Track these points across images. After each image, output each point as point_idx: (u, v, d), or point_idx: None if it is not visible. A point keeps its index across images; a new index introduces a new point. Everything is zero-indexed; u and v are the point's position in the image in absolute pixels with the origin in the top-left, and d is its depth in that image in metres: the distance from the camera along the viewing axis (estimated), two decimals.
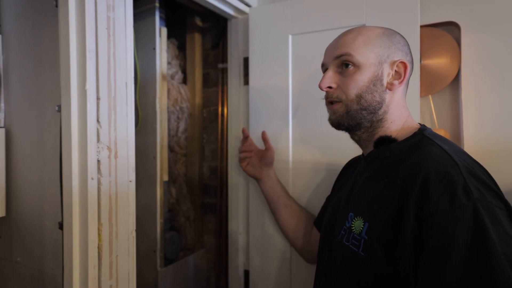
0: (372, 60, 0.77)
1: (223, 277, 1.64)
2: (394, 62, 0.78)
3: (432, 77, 1.16)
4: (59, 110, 0.80)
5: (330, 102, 0.82)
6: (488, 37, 1.10)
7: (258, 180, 1.25)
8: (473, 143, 1.12)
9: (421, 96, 1.15)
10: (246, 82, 1.42)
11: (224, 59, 1.63)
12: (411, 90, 1.09)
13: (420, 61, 1.13)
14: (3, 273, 0.97)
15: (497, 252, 0.53)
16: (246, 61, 1.42)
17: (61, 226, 0.80)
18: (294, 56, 1.27)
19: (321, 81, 0.80)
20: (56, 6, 0.79)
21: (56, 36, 0.79)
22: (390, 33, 0.80)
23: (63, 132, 0.78)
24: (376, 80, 0.77)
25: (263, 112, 1.34)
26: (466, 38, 1.12)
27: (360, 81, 0.76)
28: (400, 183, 0.66)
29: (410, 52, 0.82)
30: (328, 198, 1.10)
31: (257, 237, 1.37)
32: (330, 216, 0.88)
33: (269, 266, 1.33)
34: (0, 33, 0.95)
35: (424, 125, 0.80)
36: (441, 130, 1.16)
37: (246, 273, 1.45)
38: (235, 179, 1.48)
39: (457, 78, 1.15)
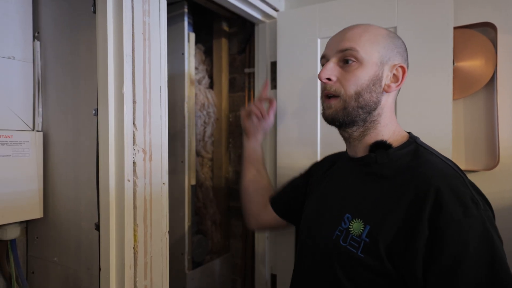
0: (375, 59, 0.76)
1: (249, 281, 1.64)
2: (394, 65, 0.78)
3: (465, 80, 1.13)
4: (96, 114, 0.82)
5: (327, 96, 0.80)
6: None
7: (247, 136, 1.21)
8: (509, 147, 1.08)
9: (454, 99, 1.11)
10: (274, 86, 1.42)
11: (250, 64, 1.63)
12: (443, 93, 1.06)
13: (454, 63, 1.11)
14: (40, 273, 1.00)
15: (501, 257, 0.61)
16: (273, 65, 1.42)
17: (97, 227, 0.82)
18: None
19: (321, 72, 0.78)
20: (94, 12, 0.81)
21: (93, 42, 0.82)
22: (393, 36, 0.80)
23: (100, 135, 0.80)
24: (376, 80, 0.76)
25: (291, 116, 1.33)
26: (502, 39, 1.08)
27: (361, 78, 0.75)
28: (412, 192, 0.68)
29: (408, 60, 0.82)
30: (294, 183, 1.08)
31: (284, 241, 1.36)
32: (314, 215, 0.88)
33: None
34: (38, 40, 0.98)
35: (411, 133, 0.82)
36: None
37: (273, 277, 1.44)
38: None
39: (491, 81, 1.11)
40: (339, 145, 1.25)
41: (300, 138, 1.30)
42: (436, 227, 0.63)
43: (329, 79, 0.78)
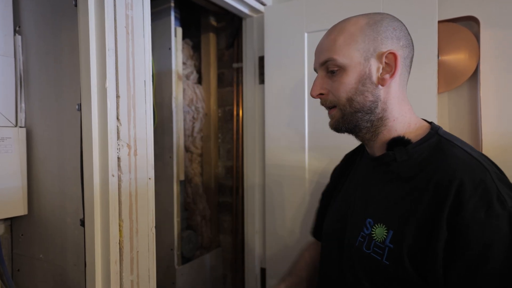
0: (357, 59, 0.71)
1: (239, 275, 1.64)
2: (382, 54, 0.71)
3: (450, 73, 1.14)
4: (79, 109, 0.81)
5: (327, 107, 0.79)
6: (509, 32, 1.08)
7: None
8: (492, 140, 1.10)
9: (438, 93, 1.13)
10: (262, 81, 1.42)
11: (239, 59, 1.63)
12: (428, 86, 1.07)
13: (438, 57, 1.12)
14: (26, 270, 0.99)
15: None
16: (261, 60, 1.42)
17: (82, 223, 0.82)
18: (310, 54, 1.26)
19: (311, 89, 0.78)
20: (76, 5, 0.80)
21: (75, 36, 0.80)
22: (375, 21, 0.73)
23: (84, 130, 0.79)
24: (365, 79, 0.72)
25: (279, 111, 1.33)
26: (485, 33, 1.10)
27: (347, 84, 0.72)
28: (432, 189, 0.64)
29: (406, 35, 0.74)
30: (322, 201, 1.02)
31: (274, 235, 1.36)
32: (337, 220, 0.84)
33: (286, 264, 1.32)
34: (20, 34, 0.97)
35: (433, 123, 0.76)
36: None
37: (263, 271, 1.44)
38: (251, 178, 1.48)
39: (475, 74, 1.12)
40: (326, 139, 1.26)
41: (288, 132, 1.31)
42: (455, 228, 0.59)
43: (321, 93, 0.77)
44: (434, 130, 0.73)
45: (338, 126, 0.77)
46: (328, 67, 0.75)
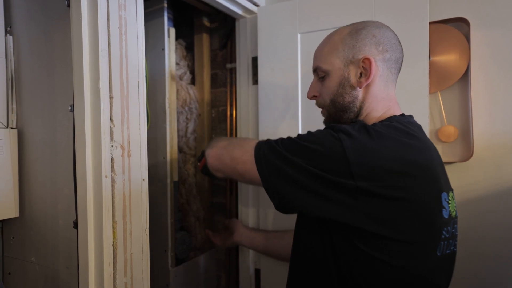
0: (338, 65, 0.83)
1: (233, 276, 1.64)
2: (359, 60, 0.81)
3: (441, 74, 1.16)
4: (72, 110, 0.80)
5: (320, 107, 0.91)
6: (498, 33, 1.09)
7: (237, 244, 1.37)
8: (483, 139, 1.11)
9: (430, 93, 1.14)
10: (255, 81, 1.42)
11: (232, 59, 1.63)
12: (420, 87, 1.08)
13: (429, 57, 1.13)
14: (18, 274, 0.98)
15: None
16: (254, 60, 1.42)
17: (75, 225, 0.81)
18: (303, 54, 1.27)
19: (308, 91, 0.91)
20: (68, 6, 0.79)
21: (68, 36, 0.80)
22: (356, 30, 0.83)
23: (77, 131, 0.79)
24: (344, 82, 0.82)
25: (273, 112, 1.34)
26: (475, 34, 1.11)
27: (330, 87, 0.84)
28: None
29: (389, 39, 0.82)
30: None
31: None
32: None
33: (280, 265, 1.32)
34: (11, 34, 0.96)
35: (400, 116, 0.82)
36: (450, 127, 1.15)
37: (257, 271, 1.44)
38: None
39: (466, 75, 1.14)
40: None
41: (281, 132, 1.31)
42: None
43: (314, 96, 0.90)
44: (387, 119, 0.81)
45: (328, 123, 0.89)
46: (317, 74, 0.88)
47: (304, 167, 0.71)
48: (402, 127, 0.76)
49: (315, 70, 0.88)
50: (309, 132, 0.79)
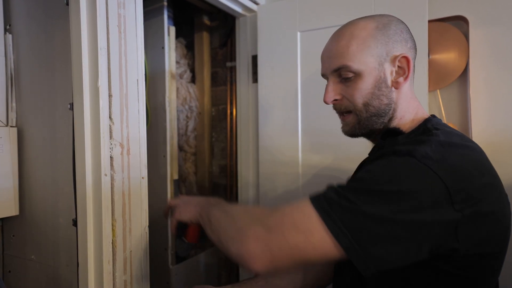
0: (372, 64, 0.72)
1: (234, 274, 1.65)
2: (395, 58, 0.73)
3: (440, 72, 1.16)
4: (71, 108, 0.80)
5: (341, 113, 0.79)
6: (497, 31, 1.09)
7: None
8: (481, 137, 1.11)
9: (429, 91, 1.14)
10: (255, 80, 1.42)
11: (232, 58, 1.63)
12: (419, 85, 1.08)
13: (428, 56, 1.13)
14: (18, 272, 0.99)
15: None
16: (254, 59, 1.42)
17: (75, 223, 0.81)
18: (303, 53, 1.27)
19: (324, 96, 0.77)
20: (67, 4, 0.79)
21: (67, 34, 0.80)
22: (384, 25, 0.73)
23: (76, 129, 0.79)
24: (380, 83, 0.73)
25: (272, 110, 1.34)
26: (474, 32, 1.11)
27: (364, 90, 0.73)
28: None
29: (411, 38, 0.76)
30: None
31: None
32: None
33: None
34: (10, 33, 0.96)
35: (431, 116, 0.77)
36: (450, 124, 1.15)
37: None
38: (245, 177, 1.48)
39: (465, 73, 1.14)
40: (320, 138, 1.26)
41: (281, 131, 1.31)
42: None
43: (335, 99, 0.77)
44: (425, 122, 0.74)
45: (354, 131, 0.78)
46: (341, 74, 0.74)
47: (401, 217, 0.57)
48: (456, 131, 0.71)
49: (337, 70, 0.75)
50: (379, 170, 0.63)
